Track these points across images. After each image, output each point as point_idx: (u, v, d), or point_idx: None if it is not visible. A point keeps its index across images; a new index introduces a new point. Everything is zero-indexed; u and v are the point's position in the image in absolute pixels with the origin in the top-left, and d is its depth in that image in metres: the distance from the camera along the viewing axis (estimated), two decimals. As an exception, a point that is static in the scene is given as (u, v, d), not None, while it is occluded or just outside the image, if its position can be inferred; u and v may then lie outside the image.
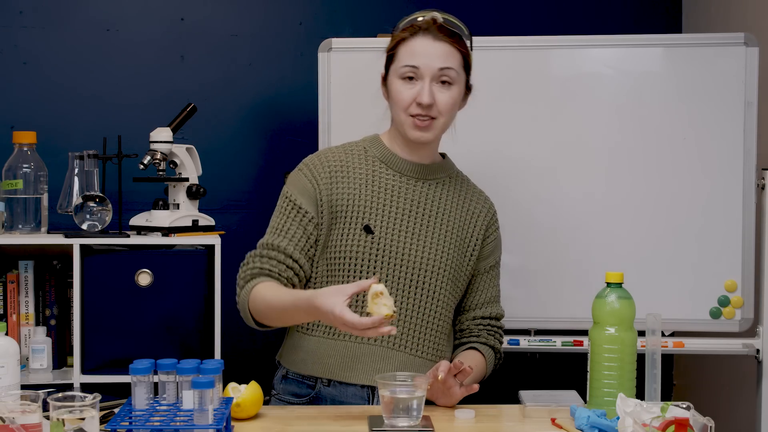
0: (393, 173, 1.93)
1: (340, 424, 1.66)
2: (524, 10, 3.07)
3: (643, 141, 2.47)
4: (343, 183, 1.90)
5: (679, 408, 1.44)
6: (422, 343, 1.89)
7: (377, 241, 1.87)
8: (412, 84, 1.85)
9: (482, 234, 1.98)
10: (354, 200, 1.89)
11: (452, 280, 1.92)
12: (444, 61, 1.85)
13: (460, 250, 1.94)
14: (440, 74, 1.85)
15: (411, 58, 1.85)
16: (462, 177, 2.03)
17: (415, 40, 1.86)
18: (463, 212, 1.97)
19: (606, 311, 1.67)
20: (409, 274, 1.88)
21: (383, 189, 1.91)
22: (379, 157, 1.94)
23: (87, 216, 2.40)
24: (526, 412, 1.73)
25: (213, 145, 2.91)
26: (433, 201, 1.94)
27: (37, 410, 1.43)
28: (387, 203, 1.90)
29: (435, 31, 1.86)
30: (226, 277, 2.38)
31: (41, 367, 2.38)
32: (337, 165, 1.92)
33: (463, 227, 1.96)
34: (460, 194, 1.99)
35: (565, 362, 2.66)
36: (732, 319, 2.45)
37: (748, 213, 2.43)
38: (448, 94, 1.86)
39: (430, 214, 1.93)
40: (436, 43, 1.85)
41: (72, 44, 2.92)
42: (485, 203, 2.03)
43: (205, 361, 1.56)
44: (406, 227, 1.90)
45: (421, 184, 1.94)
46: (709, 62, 2.44)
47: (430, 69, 1.84)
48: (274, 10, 3.04)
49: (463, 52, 1.88)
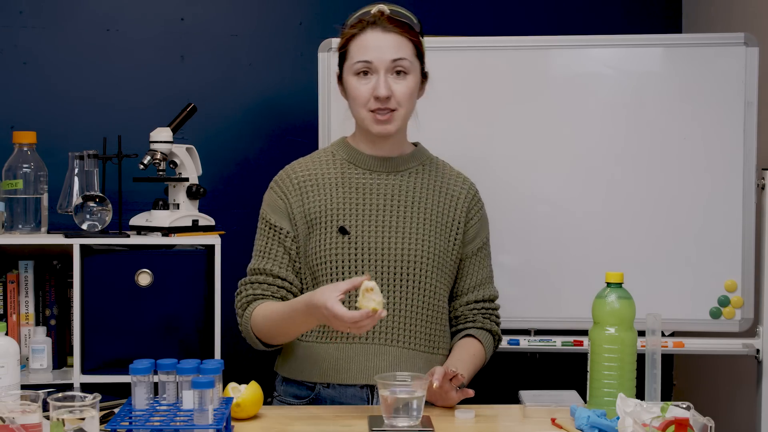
0: (362, 171, 1.94)
1: (340, 424, 1.66)
2: (524, 10, 3.07)
3: (644, 141, 2.47)
4: (313, 192, 1.92)
5: (679, 408, 1.44)
6: (414, 335, 1.89)
7: (354, 241, 1.88)
8: (367, 79, 1.86)
9: (464, 216, 1.97)
10: (327, 205, 1.91)
11: (438, 268, 1.92)
12: (396, 51, 1.85)
13: (442, 236, 1.94)
14: (394, 65, 1.85)
15: (363, 53, 1.86)
16: (437, 163, 2.02)
17: (365, 35, 1.87)
18: (441, 197, 1.96)
19: (606, 311, 1.67)
20: (392, 268, 1.88)
21: (354, 189, 1.92)
22: (347, 159, 1.96)
23: (87, 216, 2.40)
24: (526, 412, 1.73)
25: (213, 145, 2.91)
26: (407, 192, 1.94)
27: (37, 410, 1.43)
28: (360, 202, 1.91)
29: (384, 22, 1.87)
30: (226, 277, 2.38)
31: (41, 367, 2.38)
32: (305, 176, 1.94)
33: (442, 212, 1.95)
34: (436, 180, 1.98)
35: (565, 362, 2.66)
36: (732, 319, 2.45)
37: (748, 213, 2.43)
38: (404, 83, 1.86)
39: (405, 206, 1.92)
40: (386, 35, 1.86)
41: (72, 44, 2.92)
42: (464, 184, 2.01)
43: (205, 361, 1.56)
44: (382, 223, 1.90)
45: (393, 176, 1.95)
46: (709, 62, 2.44)
47: (383, 61, 1.85)
48: (274, 10, 3.04)
49: (414, 40, 1.89)
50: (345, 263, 1.88)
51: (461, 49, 2.51)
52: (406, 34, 1.87)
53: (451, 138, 2.48)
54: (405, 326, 1.89)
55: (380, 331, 1.88)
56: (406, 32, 1.88)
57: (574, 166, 2.48)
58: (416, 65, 1.89)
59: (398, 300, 1.89)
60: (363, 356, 1.87)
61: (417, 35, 1.91)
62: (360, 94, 1.87)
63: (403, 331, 1.89)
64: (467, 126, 2.51)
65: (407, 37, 1.88)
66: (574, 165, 2.48)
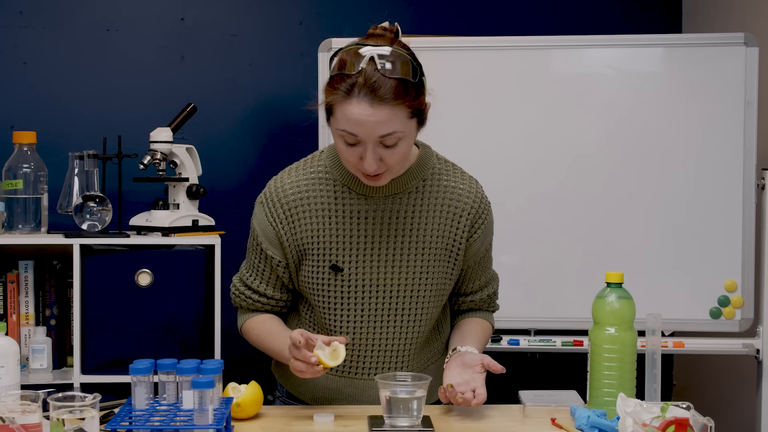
0: (357, 196, 1.76)
1: (340, 424, 1.66)
2: (524, 10, 3.07)
3: (644, 141, 2.47)
4: (304, 218, 1.76)
5: (679, 408, 1.44)
6: (407, 366, 1.83)
7: (348, 278, 1.76)
8: (354, 148, 1.64)
9: (467, 232, 1.81)
10: (319, 236, 1.76)
11: (437, 293, 1.82)
12: (386, 127, 1.59)
13: (442, 260, 1.80)
14: (383, 140, 1.62)
15: (347, 124, 1.60)
16: (440, 173, 1.82)
17: (350, 104, 1.58)
18: (442, 216, 1.79)
19: (606, 311, 1.67)
20: (386, 304, 1.79)
21: (348, 217, 1.76)
22: (341, 181, 1.76)
23: (87, 216, 2.40)
24: (526, 412, 1.73)
25: (213, 145, 2.91)
26: (404, 216, 1.77)
27: (37, 410, 1.43)
28: (354, 233, 1.76)
29: (375, 87, 1.57)
30: (226, 277, 2.37)
31: (41, 367, 2.38)
32: (296, 198, 1.77)
33: (443, 233, 1.79)
34: (437, 197, 1.79)
35: (565, 362, 2.66)
36: (732, 319, 2.45)
37: (748, 213, 2.44)
38: (396, 151, 1.64)
39: (403, 233, 1.77)
40: (375, 109, 1.58)
41: (72, 44, 2.92)
42: (468, 195, 1.82)
43: (205, 361, 1.56)
44: (378, 256, 1.76)
45: (391, 200, 1.76)
46: (709, 62, 2.44)
47: (371, 137, 1.61)
48: (274, 10, 3.04)
49: (408, 105, 1.61)
50: (338, 300, 1.78)
51: (461, 49, 2.51)
52: (398, 101, 1.59)
53: (451, 138, 2.48)
54: (398, 359, 1.83)
55: (372, 365, 1.82)
56: (398, 98, 1.59)
57: (574, 166, 2.48)
58: (411, 125, 1.65)
59: (393, 333, 1.81)
60: (352, 389, 1.84)
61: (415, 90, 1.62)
62: (346, 158, 1.67)
63: (395, 364, 1.83)
64: (467, 126, 2.51)
65: (399, 104, 1.59)
66: (573, 165, 2.49)
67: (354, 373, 1.83)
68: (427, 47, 2.51)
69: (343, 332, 1.79)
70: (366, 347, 1.81)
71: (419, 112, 1.66)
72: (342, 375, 1.84)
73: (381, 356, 1.82)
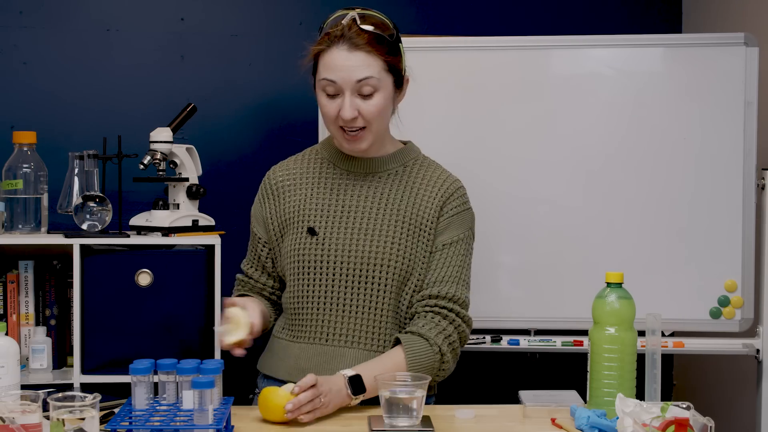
0: (340, 171, 1.95)
1: (340, 424, 1.66)
2: (524, 10, 3.07)
3: (644, 141, 2.47)
4: (290, 193, 1.96)
5: (679, 408, 1.44)
6: (375, 337, 1.87)
7: (321, 242, 1.89)
8: (334, 98, 1.83)
9: (436, 214, 1.90)
10: (301, 206, 1.93)
11: (406, 272, 1.86)
12: (362, 71, 1.79)
13: (413, 239, 1.88)
14: (359, 86, 1.80)
15: (328, 71, 1.81)
16: (423, 163, 1.97)
17: (331, 53, 1.80)
18: (416, 200, 1.91)
19: (606, 311, 1.68)
20: (356, 270, 1.87)
21: (329, 189, 1.93)
22: (328, 158, 1.97)
23: (87, 216, 2.40)
24: (526, 412, 1.73)
25: (213, 145, 2.91)
26: (381, 195, 1.91)
27: (37, 410, 1.43)
28: (332, 203, 1.92)
29: (353, 36, 1.79)
30: (226, 277, 2.38)
31: (41, 367, 2.38)
32: (284, 177, 1.98)
33: (415, 215, 1.89)
34: (414, 182, 1.93)
35: (565, 362, 2.66)
36: (732, 319, 2.45)
37: (748, 213, 2.44)
38: (371, 103, 1.82)
39: (378, 209, 1.90)
40: (352, 54, 1.79)
41: (72, 44, 2.92)
42: (443, 184, 1.93)
43: (205, 361, 1.56)
44: (351, 225, 1.89)
45: (370, 178, 1.93)
46: (709, 62, 2.44)
47: (348, 82, 1.80)
48: (274, 10, 3.04)
49: (383, 57, 1.81)
50: (311, 263, 1.89)
51: (461, 49, 2.51)
52: (374, 50, 1.79)
53: (451, 138, 2.48)
54: (367, 329, 1.87)
55: (342, 332, 1.87)
56: (374, 48, 1.79)
57: (574, 166, 2.48)
58: (386, 80, 1.83)
59: (360, 303, 1.87)
60: (323, 357, 1.87)
61: (389, 47, 1.82)
62: (327, 112, 1.85)
63: (365, 333, 1.87)
64: (467, 126, 2.51)
65: (375, 53, 1.79)
66: (574, 165, 2.48)
67: (325, 340, 1.88)
68: (428, 47, 2.51)
69: (317, 298, 1.89)
70: (337, 314, 1.88)
71: (396, 71, 1.85)
72: (313, 343, 1.89)
73: (351, 325, 1.88)
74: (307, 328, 1.90)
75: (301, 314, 1.90)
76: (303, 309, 1.90)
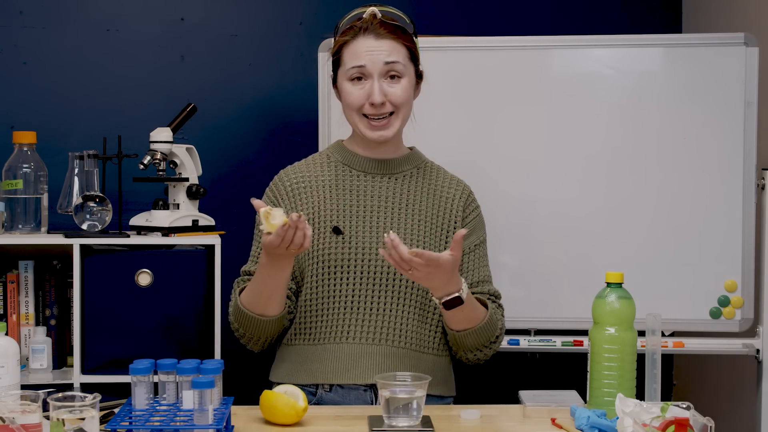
0: (357, 173, 1.96)
1: (340, 424, 1.66)
2: (524, 10, 3.07)
3: (643, 141, 2.47)
4: (306, 195, 1.95)
5: (679, 408, 1.44)
6: (404, 334, 1.90)
7: (347, 241, 1.90)
8: (361, 84, 1.88)
9: (459, 216, 1.97)
10: (321, 206, 1.93)
11: None
12: (389, 55, 1.86)
13: (436, 238, 1.94)
14: (387, 69, 1.86)
15: (355, 59, 1.87)
16: (432, 167, 2.03)
17: (357, 42, 1.87)
18: (435, 200, 1.96)
19: (606, 311, 1.68)
20: (384, 268, 1.89)
21: (348, 190, 1.94)
22: (342, 161, 1.98)
23: (87, 216, 2.40)
24: (526, 412, 1.73)
25: (213, 145, 2.91)
26: (401, 194, 1.95)
27: (37, 410, 1.43)
28: (354, 203, 1.93)
29: (377, 28, 1.87)
30: (226, 277, 2.38)
31: (41, 367, 2.38)
32: (298, 180, 1.97)
33: (437, 215, 1.95)
34: (431, 183, 1.98)
35: (565, 362, 2.66)
36: (732, 319, 2.45)
37: (748, 213, 2.43)
38: (399, 86, 1.88)
39: (399, 208, 1.93)
40: (379, 41, 1.86)
41: (72, 44, 2.92)
42: (458, 186, 2.01)
43: (205, 361, 1.56)
44: (376, 223, 1.91)
45: (387, 179, 1.96)
46: (709, 62, 2.44)
47: (376, 66, 1.86)
48: (274, 10, 3.04)
49: (407, 44, 1.90)
50: (338, 262, 1.89)
51: (461, 49, 2.52)
52: (399, 38, 1.88)
53: (452, 138, 2.48)
54: (395, 326, 1.89)
55: (369, 331, 1.88)
56: (399, 37, 1.88)
57: (574, 166, 2.48)
58: (410, 68, 1.91)
59: (389, 299, 1.89)
60: (350, 356, 1.88)
61: (410, 37, 1.91)
62: (354, 99, 1.88)
63: (392, 330, 1.89)
64: (467, 126, 2.51)
65: (400, 41, 1.88)
66: (574, 165, 2.48)
67: (351, 339, 1.88)
68: (428, 47, 2.50)
69: (343, 297, 1.88)
70: (364, 313, 1.88)
71: (416, 60, 1.92)
72: (338, 342, 1.89)
73: (378, 323, 1.88)
74: (332, 328, 1.89)
75: (324, 314, 1.90)
76: (327, 309, 1.90)
